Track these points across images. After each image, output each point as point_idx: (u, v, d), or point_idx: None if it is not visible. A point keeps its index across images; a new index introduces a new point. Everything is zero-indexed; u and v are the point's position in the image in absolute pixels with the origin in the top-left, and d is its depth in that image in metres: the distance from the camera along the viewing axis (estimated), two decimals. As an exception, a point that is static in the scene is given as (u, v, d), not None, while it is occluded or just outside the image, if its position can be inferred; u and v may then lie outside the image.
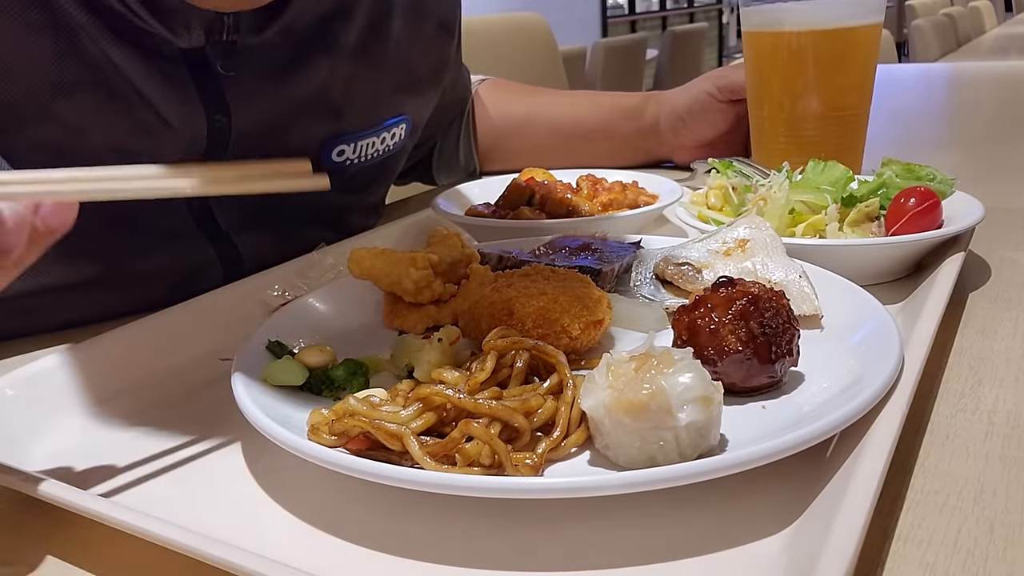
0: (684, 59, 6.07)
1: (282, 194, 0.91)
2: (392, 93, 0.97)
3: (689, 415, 0.43)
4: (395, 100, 0.98)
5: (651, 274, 0.71)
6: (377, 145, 0.97)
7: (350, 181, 0.98)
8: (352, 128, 0.93)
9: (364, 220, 1.10)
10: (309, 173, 0.52)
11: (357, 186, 1.01)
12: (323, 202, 0.96)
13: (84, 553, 0.45)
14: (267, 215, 0.93)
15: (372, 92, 0.94)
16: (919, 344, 0.53)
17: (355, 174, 0.98)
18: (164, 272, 0.85)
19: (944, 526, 0.42)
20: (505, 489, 0.41)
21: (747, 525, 0.42)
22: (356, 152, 0.94)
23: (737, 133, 1.18)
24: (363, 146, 0.95)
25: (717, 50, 11.47)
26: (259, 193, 0.54)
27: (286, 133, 0.86)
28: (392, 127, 0.98)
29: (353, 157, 0.94)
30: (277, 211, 0.93)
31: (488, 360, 0.51)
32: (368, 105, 0.94)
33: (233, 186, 0.53)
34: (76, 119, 0.73)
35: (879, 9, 0.98)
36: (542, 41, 2.29)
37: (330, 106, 0.90)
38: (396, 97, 0.98)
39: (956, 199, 0.78)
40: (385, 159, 1.00)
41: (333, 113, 0.90)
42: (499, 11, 2.61)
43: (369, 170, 0.99)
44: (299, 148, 0.88)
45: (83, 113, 0.74)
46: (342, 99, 0.90)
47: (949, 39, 5.51)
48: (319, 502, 0.47)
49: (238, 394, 0.52)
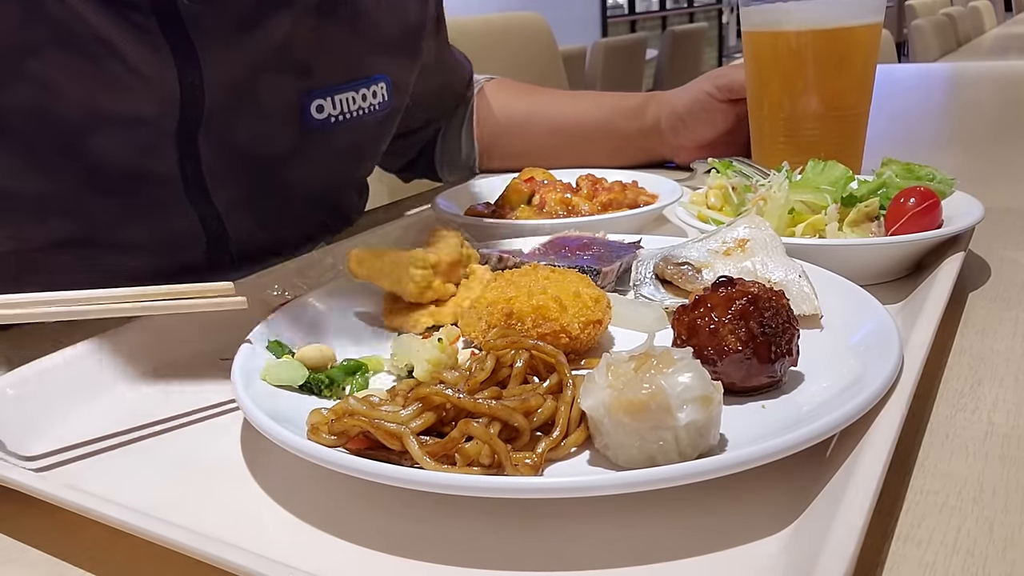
0: (684, 59, 6.07)
1: (276, 171, 0.94)
2: (364, 52, 0.98)
3: (689, 415, 0.43)
4: (369, 59, 0.98)
5: (651, 274, 0.71)
6: (359, 102, 0.97)
7: (339, 148, 0.98)
8: (324, 83, 0.93)
9: (354, 199, 1.11)
10: (232, 292, 0.62)
11: (346, 155, 1.01)
12: (315, 177, 0.98)
13: (84, 553, 0.45)
14: (260, 193, 0.94)
15: (341, 49, 0.95)
16: (919, 344, 0.53)
17: (343, 139, 0.98)
18: (149, 241, 0.87)
19: (944, 526, 0.42)
20: (505, 489, 0.41)
21: (747, 525, 0.42)
22: (337, 108, 0.94)
23: (737, 133, 1.18)
24: (342, 101, 0.95)
25: (717, 50, 11.47)
26: (186, 312, 0.60)
27: (257, 89, 0.87)
28: (371, 85, 0.98)
29: (335, 113, 0.94)
30: (270, 189, 0.95)
31: (488, 360, 0.51)
32: (337, 62, 0.94)
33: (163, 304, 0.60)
34: (49, 77, 0.75)
35: (879, 9, 0.98)
36: (542, 41, 2.29)
37: (297, 61, 0.90)
38: (369, 56, 0.98)
39: (956, 199, 0.78)
40: (373, 124, 1.00)
41: (301, 68, 0.91)
42: (499, 11, 2.61)
43: (357, 134, 0.99)
44: (275, 106, 0.89)
45: (55, 71, 0.75)
46: (309, 54, 0.91)
47: (949, 39, 5.51)
48: (319, 502, 0.47)
49: (238, 394, 0.52)
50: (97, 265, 0.84)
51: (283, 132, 0.91)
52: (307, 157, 0.95)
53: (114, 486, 0.50)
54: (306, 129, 0.92)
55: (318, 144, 0.95)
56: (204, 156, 0.86)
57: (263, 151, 0.91)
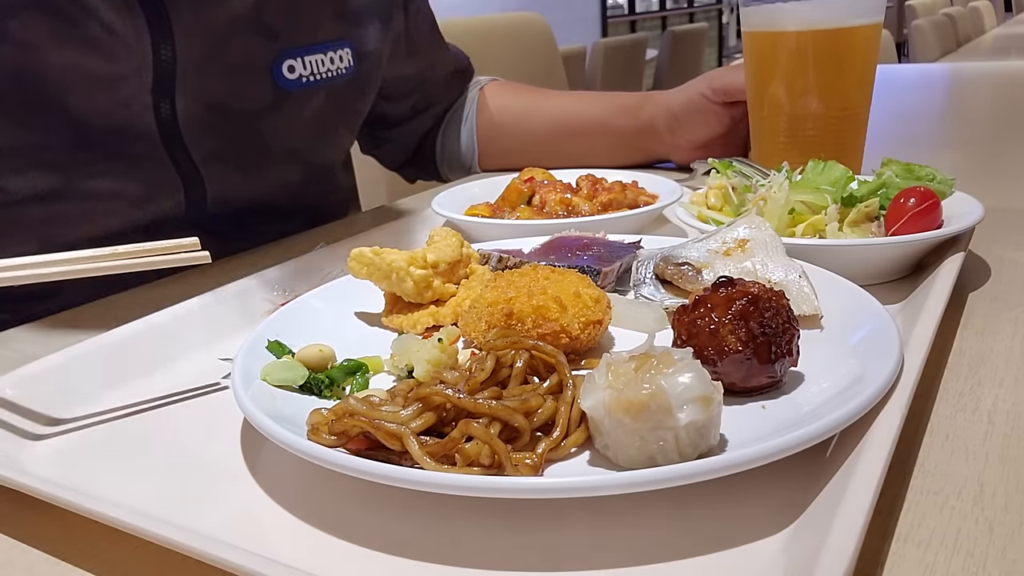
0: (684, 59, 6.07)
1: (252, 125, 1.01)
2: (331, 19, 1.05)
3: (689, 415, 0.43)
4: (335, 25, 1.06)
5: (651, 274, 0.71)
6: (327, 64, 1.05)
7: (314, 107, 1.06)
8: (292, 45, 1.01)
9: (332, 165, 1.16)
10: (197, 247, 0.63)
11: (320, 115, 1.07)
12: (291, 132, 1.06)
13: (84, 553, 0.45)
14: (237, 145, 1.00)
15: (309, 15, 1.02)
16: (919, 344, 0.53)
17: (316, 99, 1.05)
18: (126, 191, 0.93)
19: (944, 526, 0.42)
20: (505, 489, 0.41)
21: (747, 525, 0.42)
22: (308, 70, 1.02)
23: (734, 135, 1.18)
24: (312, 63, 1.03)
25: (717, 50, 11.47)
26: (151, 269, 0.62)
27: (228, 49, 0.95)
28: (337, 49, 1.06)
29: (306, 74, 1.02)
30: (247, 141, 1.01)
31: (488, 360, 0.51)
32: (306, 27, 1.02)
33: (132, 262, 0.61)
34: (28, 38, 0.81)
35: (879, 9, 0.98)
36: (542, 41, 2.29)
37: (266, 26, 0.98)
38: (336, 23, 1.06)
39: (956, 199, 0.78)
40: (343, 88, 1.08)
41: (270, 33, 0.99)
42: (499, 11, 2.61)
43: (328, 96, 1.06)
44: (246, 65, 0.97)
45: (33, 32, 0.81)
46: (278, 20, 0.99)
47: (949, 39, 5.51)
48: (319, 502, 0.47)
49: (238, 394, 0.52)
50: (79, 217, 0.90)
51: (256, 89, 0.99)
52: (282, 113, 1.02)
53: (114, 486, 0.50)
54: (279, 87, 1.00)
55: (293, 102, 1.02)
56: (180, 110, 0.92)
57: (238, 106, 0.98)
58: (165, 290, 0.86)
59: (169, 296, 0.80)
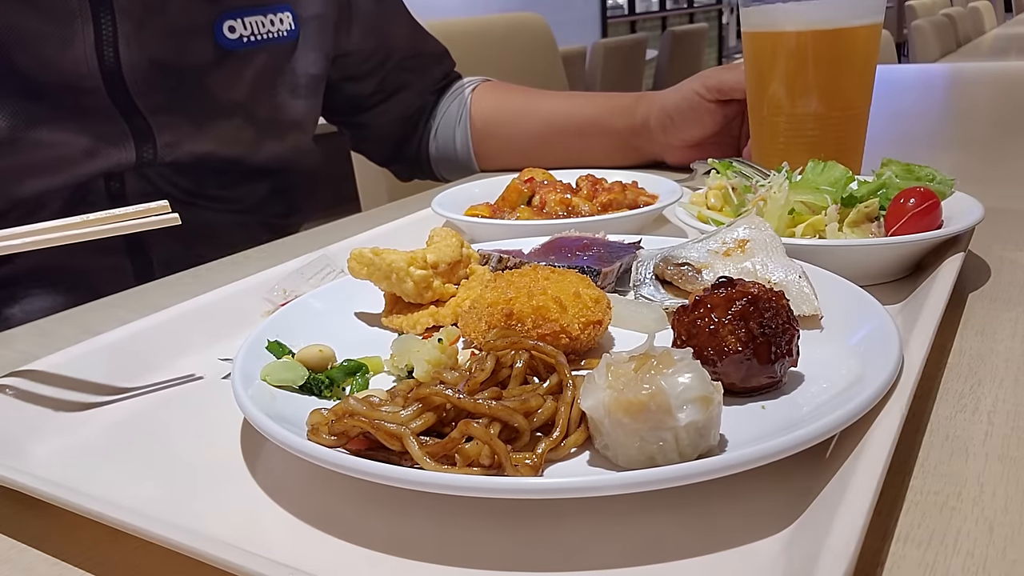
0: (684, 59, 6.07)
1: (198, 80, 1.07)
2: None
3: (689, 415, 0.43)
4: None
5: (651, 274, 0.71)
6: (267, 26, 1.11)
7: (257, 67, 1.11)
8: (232, 6, 1.06)
9: (286, 127, 1.20)
10: (167, 209, 0.64)
11: (266, 75, 1.13)
12: (237, 89, 1.11)
13: (84, 553, 0.45)
14: (184, 97, 1.05)
15: None
16: (919, 344, 0.53)
17: (259, 59, 1.10)
18: (77, 143, 0.98)
19: (944, 526, 0.42)
20: (505, 489, 0.41)
21: (747, 525, 0.42)
22: (248, 30, 1.08)
23: (727, 135, 1.18)
24: (252, 24, 1.09)
25: (717, 50, 11.47)
26: (127, 232, 0.63)
27: (168, 10, 1.01)
28: (277, 12, 1.12)
29: (246, 34, 1.08)
30: (195, 95, 1.06)
31: (488, 360, 0.51)
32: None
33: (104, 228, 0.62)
34: None
35: (879, 9, 0.98)
36: (542, 41, 2.29)
37: None
38: None
39: (956, 199, 0.78)
40: (286, 50, 1.13)
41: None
42: (499, 11, 2.61)
43: (272, 57, 1.12)
44: (187, 24, 1.03)
45: None
46: None
47: (949, 39, 5.51)
48: (319, 502, 0.47)
49: (238, 394, 0.52)
50: (34, 168, 0.96)
51: (198, 47, 1.04)
52: (225, 71, 1.07)
53: (114, 486, 0.50)
54: (221, 46, 1.06)
55: (236, 60, 1.08)
56: (124, 62, 0.98)
57: (181, 62, 1.04)
58: (165, 290, 0.86)
59: (169, 296, 0.80)
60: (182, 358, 0.66)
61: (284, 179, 1.23)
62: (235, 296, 0.73)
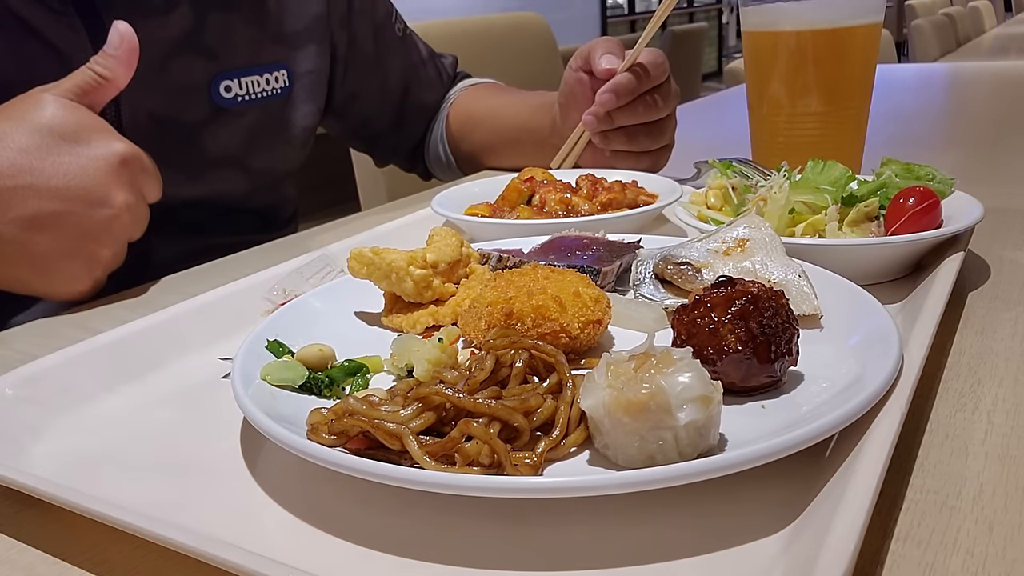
0: (684, 59, 6.06)
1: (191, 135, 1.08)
2: (269, 43, 1.13)
3: (688, 414, 0.43)
4: (272, 49, 1.13)
5: (651, 273, 0.71)
6: (262, 84, 1.12)
7: (248, 123, 1.12)
8: (230, 67, 1.08)
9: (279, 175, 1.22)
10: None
11: (254, 129, 1.14)
12: (228, 142, 1.11)
13: (84, 553, 0.45)
14: (176, 148, 1.05)
15: (248, 40, 1.10)
16: (919, 344, 0.53)
17: (251, 116, 1.11)
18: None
19: (943, 526, 0.42)
20: (505, 489, 0.41)
21: (747, 524, 0.42)
22: (244, 89, 1.09)
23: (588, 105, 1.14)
24: (248, 83, 1.10)
25: (717, 50, 11.47)
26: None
27: (168, 68, 1.02)
28: (273, 71, 1.13)
29: (241, 93, 1.09)
30: (186, 147, 1.07)
31: (488, 360, 0.51)
32: (243, 50, 1.09)
33: None
34: None
35: (879, 9, 0.98)
36: (542, 41, 2.29)
37: (205, 48, 1.05)
38: (273, 47, 1.13)
39: (956, 199, 0.78)
40: (277, 106, 1.15)
41: (209, 54, 1.06)
42: (499, 11, 2.61)
43: (263, 113, 1.13)
44: (185, 83, 1.05)
45: None
46: (216, 44, 1.06)
47: (949, 39, 5.51)
48: (319, 502, 0.47)
49: (238, 394, 0.52)
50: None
51: (194, 105, 1.06)
52: (219, 126, 1.09)
53: (114, 486, 0.50)
54: (216, 104, 1.07)
55: (229, 116, 1.09)
56: (125, 117, 0.99)
57: (177, 118, 1.05)
58: (165, 290, 0.86)
59: (169, 296, 0.80)
60: (182, 358, 0.66)
61: (265, 221, 1.25)
62: (235, 296, 0.73)
